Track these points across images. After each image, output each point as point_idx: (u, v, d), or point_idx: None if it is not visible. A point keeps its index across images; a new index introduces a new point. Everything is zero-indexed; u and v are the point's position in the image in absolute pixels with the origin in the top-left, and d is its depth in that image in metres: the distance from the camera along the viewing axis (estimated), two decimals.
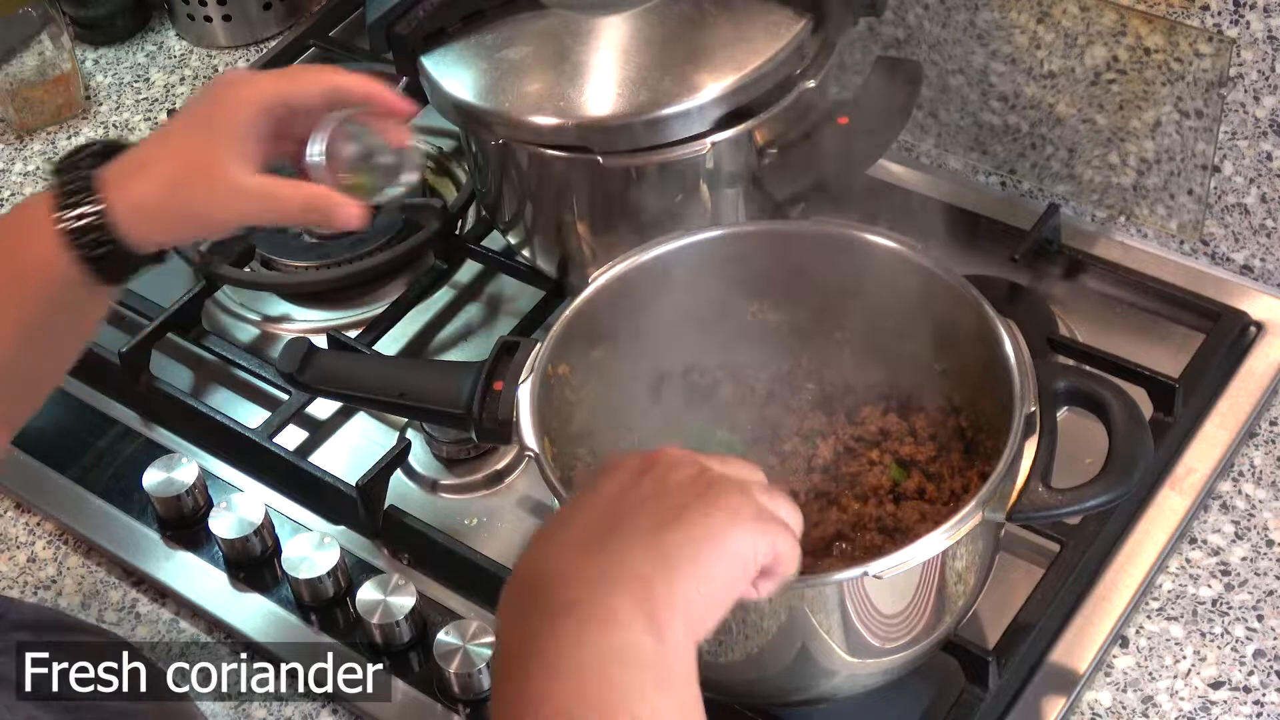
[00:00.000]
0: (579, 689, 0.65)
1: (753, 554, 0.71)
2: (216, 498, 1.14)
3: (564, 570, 0.69)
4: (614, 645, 0.66)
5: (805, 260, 1.02)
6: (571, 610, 0.66)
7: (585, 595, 0.67)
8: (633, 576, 0.67)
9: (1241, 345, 1.16)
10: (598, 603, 0.66)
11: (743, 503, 0.72)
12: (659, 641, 0.66)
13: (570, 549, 0.70)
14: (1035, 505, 0.88)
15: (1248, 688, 0.98)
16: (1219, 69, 1.12)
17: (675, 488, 0.72)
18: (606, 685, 0.65)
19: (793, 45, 1.10)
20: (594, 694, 0.64)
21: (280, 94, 0.87)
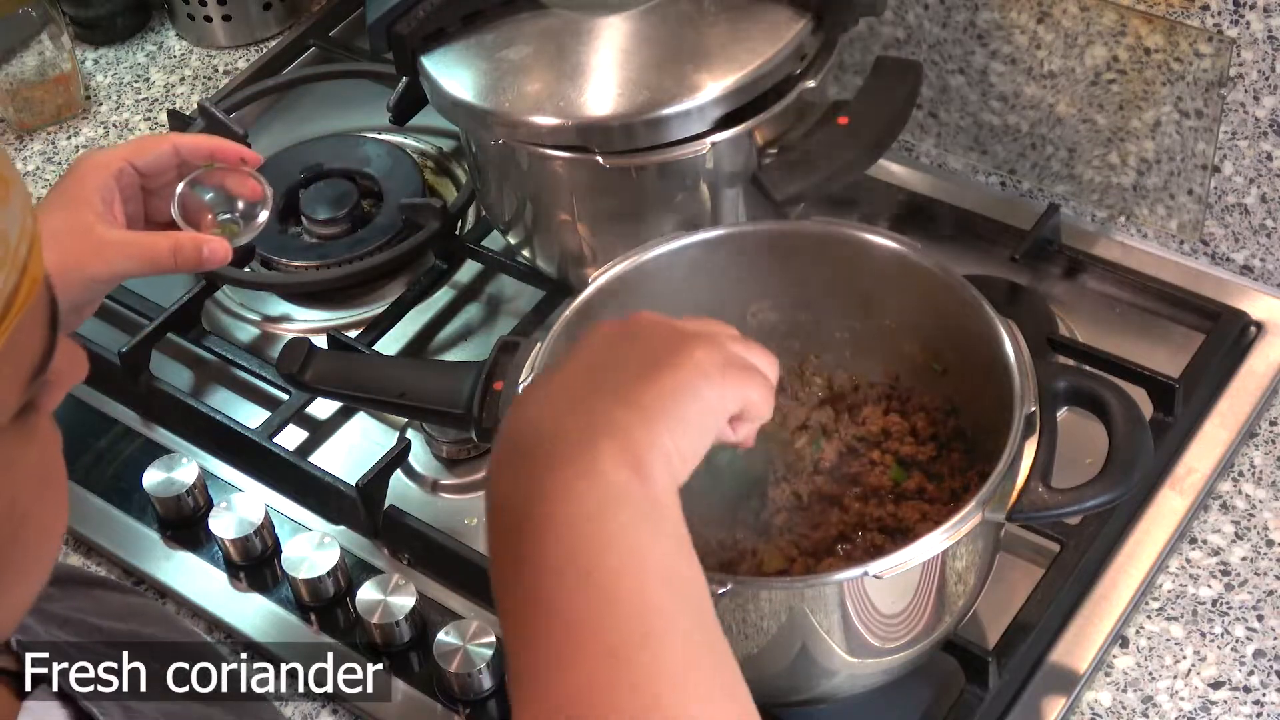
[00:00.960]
0: (572, 539, 0.67)
1: (721, 401, 0.75)
2: (216, 498, 1.14)
3: (547, 429, 0.71)
4: (602, 492, 0.68)
5: (805, 260, 1.02)
6: (558, 466, 0.69)
7: (569, 450, 0.69)
8: (613, 428, 0.70)
9: (1241, 345, 1.16)
10: (582, 455, 0.69)
11: (710, 354, 0.75)
12: (644, 484, 0.69)
13: (552, 408, 0.73)
14: (1035, 505, 0.88)
15: (1248, 688, 0.98)
16: (1219, 69, 1.12)
17: (647, 347, 0.76)
18: (599, 530, 0.67)
19: (793, 45, 1.10)
20: (588, 541, 0.67)
21: (126, 157, 0.98)
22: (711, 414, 0.75)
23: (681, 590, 0.68)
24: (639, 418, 0.71)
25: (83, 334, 1.27)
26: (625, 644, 0.64)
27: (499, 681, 1.02)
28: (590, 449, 0.69)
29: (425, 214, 1.29)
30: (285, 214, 1.35)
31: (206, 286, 1.28)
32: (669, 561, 0.68)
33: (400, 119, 1.25)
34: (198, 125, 1.40)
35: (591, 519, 0.67)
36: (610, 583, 0.66)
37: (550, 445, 0.70)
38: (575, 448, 0.69)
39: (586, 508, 0.67)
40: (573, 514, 0.67)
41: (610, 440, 0.69)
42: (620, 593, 0.65)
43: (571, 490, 0.68)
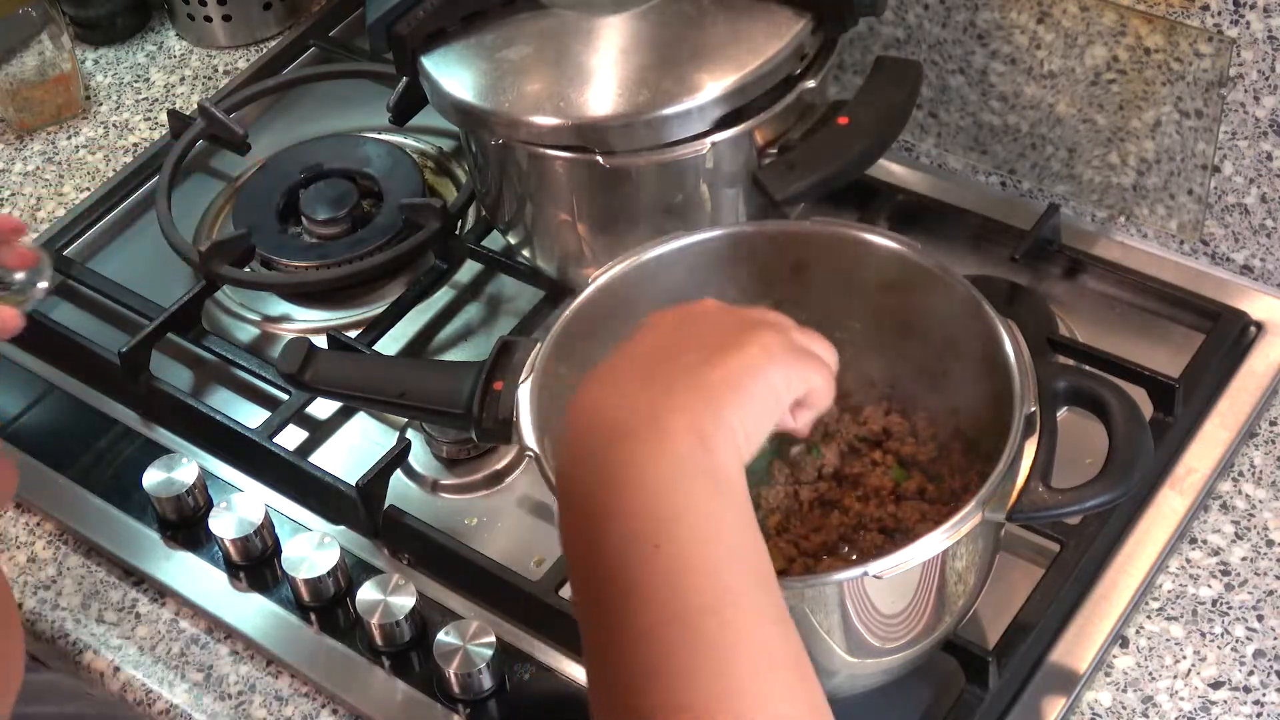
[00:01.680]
0: (642, 502, 0.68)
1: (786, 385, 0.77)
2: (216, 498, 1.14)
3: (612, 407, 0.73)
4: (671, 460, 0.70)
5: (805, 260, 1.02)
6: (627, 436, 0.71)
7: (638, 422, 0.71)
8: (680, 407, 0.72)
9: (1241, 345, 1.16)
10: (652, 426, 0.71)
11: (775, 340, 0.78)
12: (710, 458, 0.71)
13: (616, 389, 0.75)
14: (1035, 505, 0.88)
15: (1248, 688, 0.98)
16: (1219, 69, 1.12)
17: (712, 330, 0.78)
18: (668, 495, 0.69)
19: (793, 45, 1.10)
20: (657, 504, 0.68)
21: None
22: (776, 396, 0.76)
23: (750, 562, 0.69)
24: (705, 396, 0.73)
25: (83, 334, 1.27)
26: (695, 611, 0.65)
27: (499, 681, 1.02)
28: (656, 425, 0.71)
29: (425, 214, 1.29)
30: (285, 214, 1.35)
31: (206, 286, 1.28)
32: (737, 534, 0.70)
33: (400, 119, 1.25)
34: (198, 125, 1.41)
35: (661, 493, 0.69)
36: (680, 553, 0.67)
37: (616, 424, 0.72)
38: (642, 425, 0.71)
39: (656, 482, 0.69)
40: (641, 488, 0.69)
41: (677, 416, 0.71)
42: (691, 562, 0.67)
43: (639, 465, 0.70)
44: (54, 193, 1.44)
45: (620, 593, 0.67)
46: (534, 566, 1.08)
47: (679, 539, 0.67)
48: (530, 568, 1.08)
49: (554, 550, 1.07)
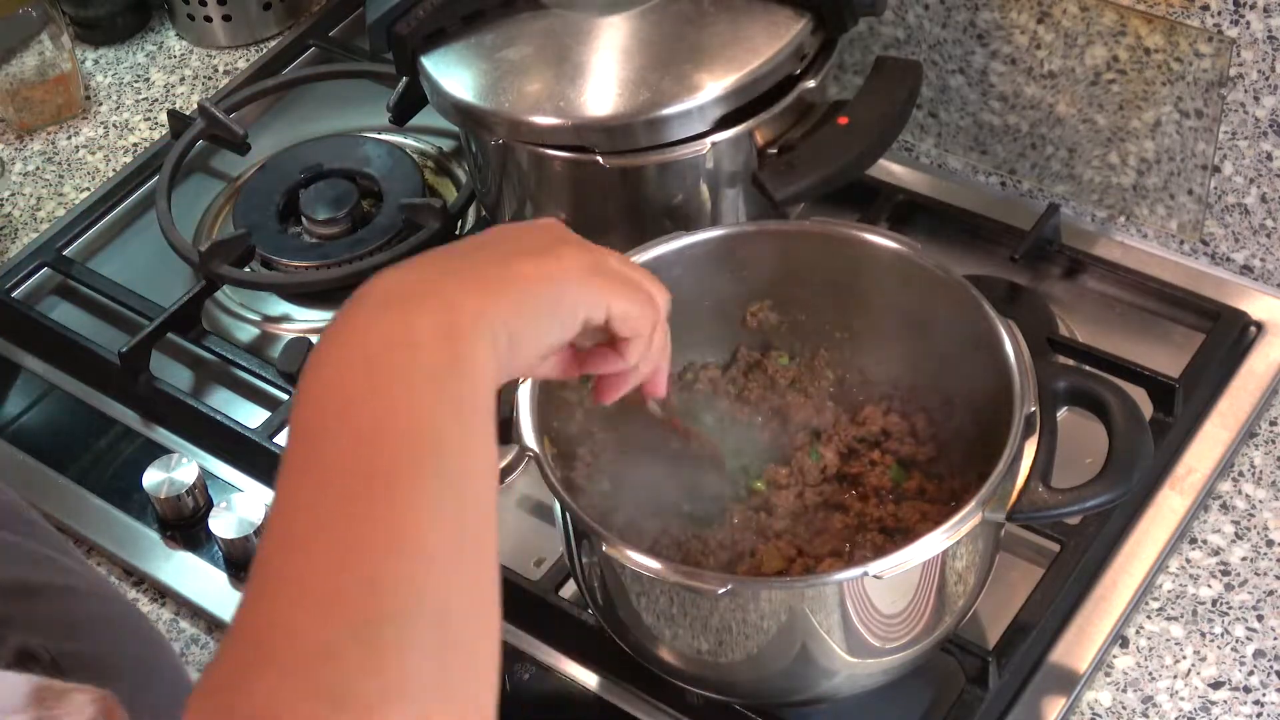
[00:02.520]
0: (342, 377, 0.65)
1: (576, 301, 0.74)
2: (216, 498, 1.14)
3: (397, 277, 0.70)
4: (391, 338, 0.65)
5: (806, 261, 1.02)
6: (366, 312, 0.67)
7: (389, 302, 0.67)
8: (442, 291, 0.68)
9: (1241, 345, 1.16)
10: (395, 307, 0.67)
11: (582, 257, 0.75)
12: (452, 346, 0.66)
13: (399, 273, 0.70)
14: (1035, 505, 0.88)
15: (1248, 688, 0.98)
16: (1219, 69, 1.12)
17: (527, 240, 0.75)
18: (371, 374, 0.64)
19: (793, 45, 1.10)
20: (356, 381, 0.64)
21: None
22: (560, 308, 0.73)
23: (442, 455, 0.63)
24: (479, 289, 0.69)
25: (83, 334, 1.27)
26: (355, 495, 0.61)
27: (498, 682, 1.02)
28: (405, 302, 0.67)
29: (425, 214, 1.29)
30: (285, 214, 1.35)
31: (206, 286, 1.28)
32: (441, 424, 0.64)
33: (400, 119, 1.25)
34: (198, 125, 1.40)
35: (370, 361, 0.65)
36: (365, 427, 0.63)
37: (382, 292, 0.68)
38: (395, 301, 0.67)
39: (369, 350, 0.65)
40: (353, 354, 0.65)
41: (432, 299, 0.67)
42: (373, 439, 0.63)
43: (362, 332, 0.66)
44: (54, 193, 1.44)
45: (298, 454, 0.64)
46: (534, 566, 1.08)
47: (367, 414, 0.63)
48: (530, 568, 1.08)
49: (554, 550, 1.07)
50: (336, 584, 0.59)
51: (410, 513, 0.61)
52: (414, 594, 0.59)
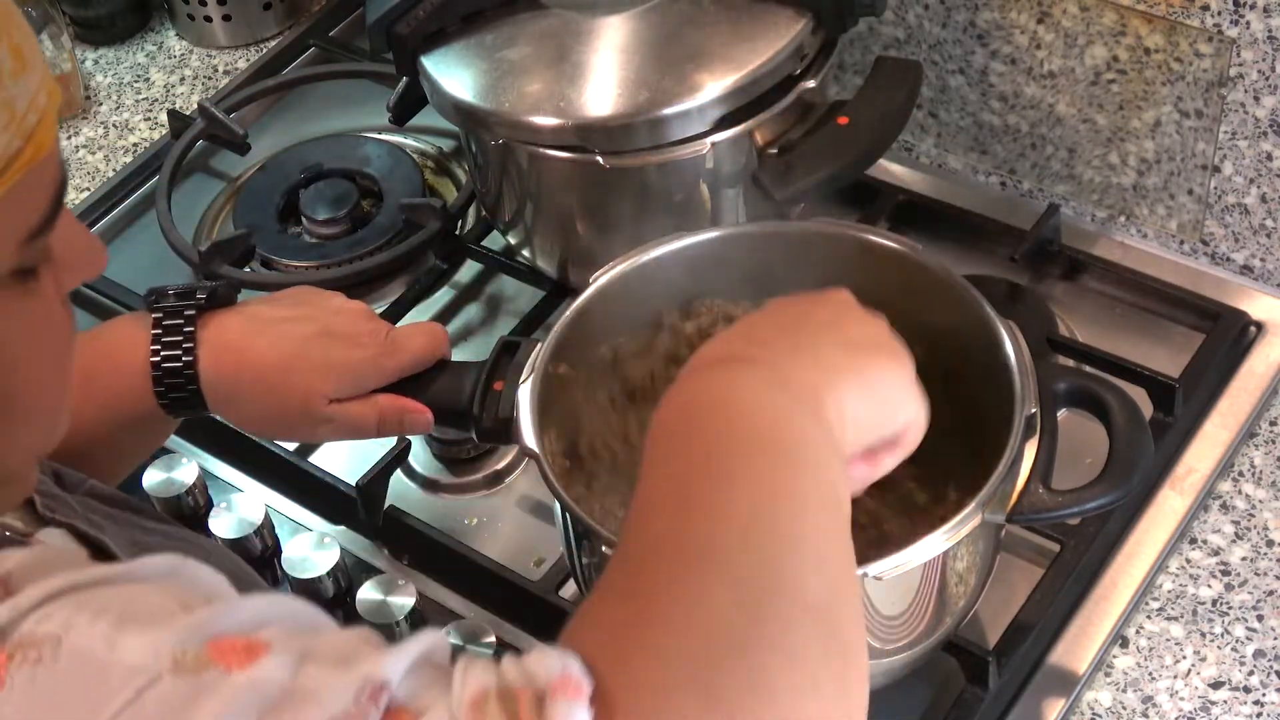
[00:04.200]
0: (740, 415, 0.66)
1: (904, 405, 0.75)
2: (216, 498, 1.14)
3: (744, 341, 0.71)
4: (785, 393, 0.67)
5: (806, 261, 1.01)
6: (745, 363, 0.69)
7: (768, 359, 0.69)
8: (805, 366, 0.70)
9: (1241, 345, 1.16)
10: (773, 366, 0.69)
11: (904, 355, 0.76)
12: (819, 415, 0.68)
13: (753, 332, 0.73)
14: (1035, 507, 0.88)
15: (1248, 688, 0.98)
16: (1219, 69, 1.12)
17: (852, 325, 0.76)
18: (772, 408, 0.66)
19: (793, 45, 1.10)
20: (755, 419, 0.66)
21: None
22: (894, 410, 0.75)
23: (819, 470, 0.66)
24: (831, 374, 0.70)
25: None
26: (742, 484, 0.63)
27: None
28: (778, 366, 0.69)
29: (425, 214, 1.29)
30: (285, 214, 1.35)
31: None
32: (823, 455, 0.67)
33: (400, 119, 1.25)
34: (198, 125, 1.41)
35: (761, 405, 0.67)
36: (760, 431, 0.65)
37: (736, 354, 0.70)
38: (763, 362, 0.69)
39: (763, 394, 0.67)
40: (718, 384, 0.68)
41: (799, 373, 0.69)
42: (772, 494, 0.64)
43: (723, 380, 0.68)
44: None
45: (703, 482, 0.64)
46: (534, 566, 1.08)
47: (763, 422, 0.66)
48: (530, 568, 1.08)
49: (554, 550, 1.07)
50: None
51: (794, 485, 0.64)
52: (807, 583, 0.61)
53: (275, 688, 0.54)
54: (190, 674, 0.54)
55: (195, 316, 0.93)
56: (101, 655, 0.54)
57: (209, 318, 0.94)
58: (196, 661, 0.54)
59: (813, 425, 0.67)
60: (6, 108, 0.58)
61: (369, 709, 0.54)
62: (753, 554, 0.60)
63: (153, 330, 0.93)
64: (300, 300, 0.98)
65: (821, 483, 0.65)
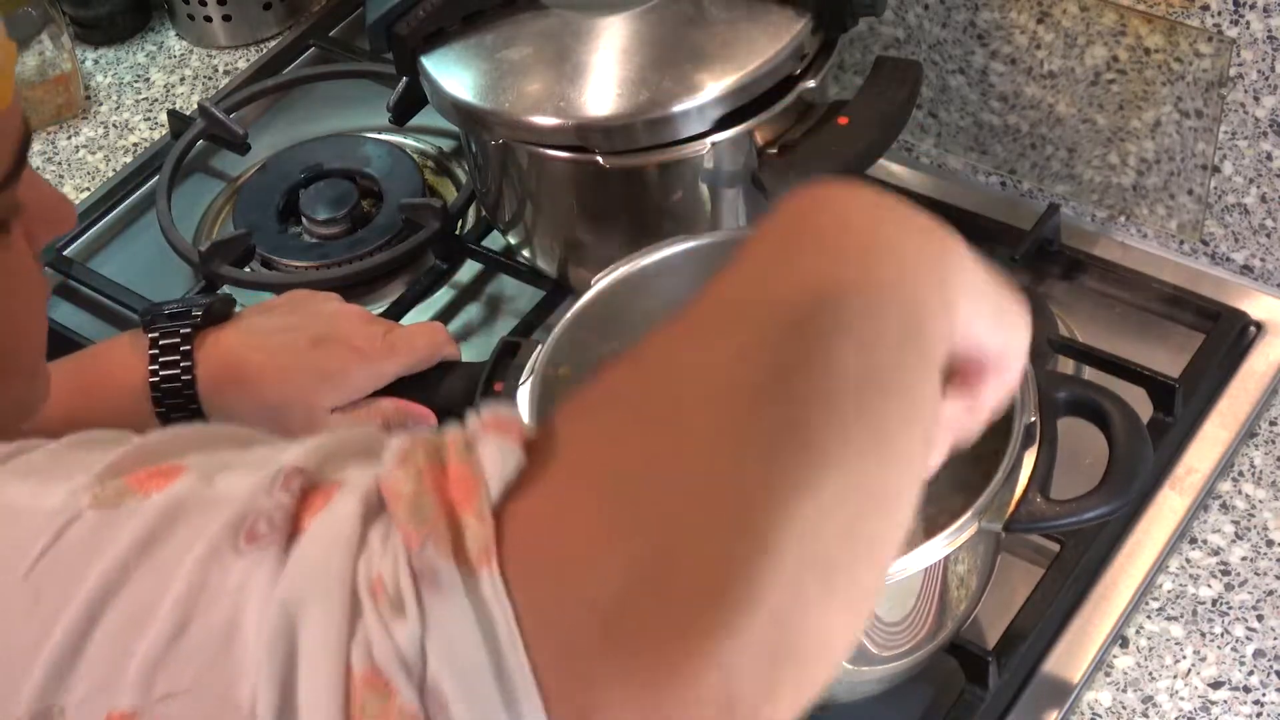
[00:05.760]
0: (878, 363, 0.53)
1: (1015, 320, 0.66)
2: None
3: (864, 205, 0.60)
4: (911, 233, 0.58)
5: None
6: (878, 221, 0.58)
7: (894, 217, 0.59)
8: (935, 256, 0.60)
9: (1241, 345, 1.16)
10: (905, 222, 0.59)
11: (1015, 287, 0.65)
12: (946, 302, 0.58)
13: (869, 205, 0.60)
14: (1033, 516, 0.87)
15: (1248, 688, 0.98)
16: (1219, 69, 1.12)
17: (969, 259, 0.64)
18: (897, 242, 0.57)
19: (793, 45, 1.10)
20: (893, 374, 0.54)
21: None
22: (1010, 319, 0.65)
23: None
24: (961, 272, 0.60)
25: (83, 334, 1.27)
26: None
27: None
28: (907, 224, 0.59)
29: (425, 214, 1.29)
30: (285, 214, 1.35)
31: (206, 286, 1.28)
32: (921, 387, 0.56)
33: (400, 119, 1.25)
34: (198, 125, 1.41)
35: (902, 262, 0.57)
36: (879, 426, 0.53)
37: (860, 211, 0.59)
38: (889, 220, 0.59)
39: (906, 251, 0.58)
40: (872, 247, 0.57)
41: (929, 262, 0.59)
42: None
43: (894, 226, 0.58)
44: None
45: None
46: None
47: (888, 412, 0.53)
48: None
49: None
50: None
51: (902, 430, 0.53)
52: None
53: (191, 498, 0.52)
54: (109, 507, 0.52)
55: (192, 335, 0.93)
56: (25, 505, 0.53)
57: (205, 334, 0.94)
58: (116, 493, 0.53)
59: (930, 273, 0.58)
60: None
61: (280, 496, 0.51)
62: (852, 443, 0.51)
63: (150, 350, 0.93)
64: (296, 306, 0.98)
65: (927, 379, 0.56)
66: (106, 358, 0.95)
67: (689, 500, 0.49)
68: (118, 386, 0.93)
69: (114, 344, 0.97)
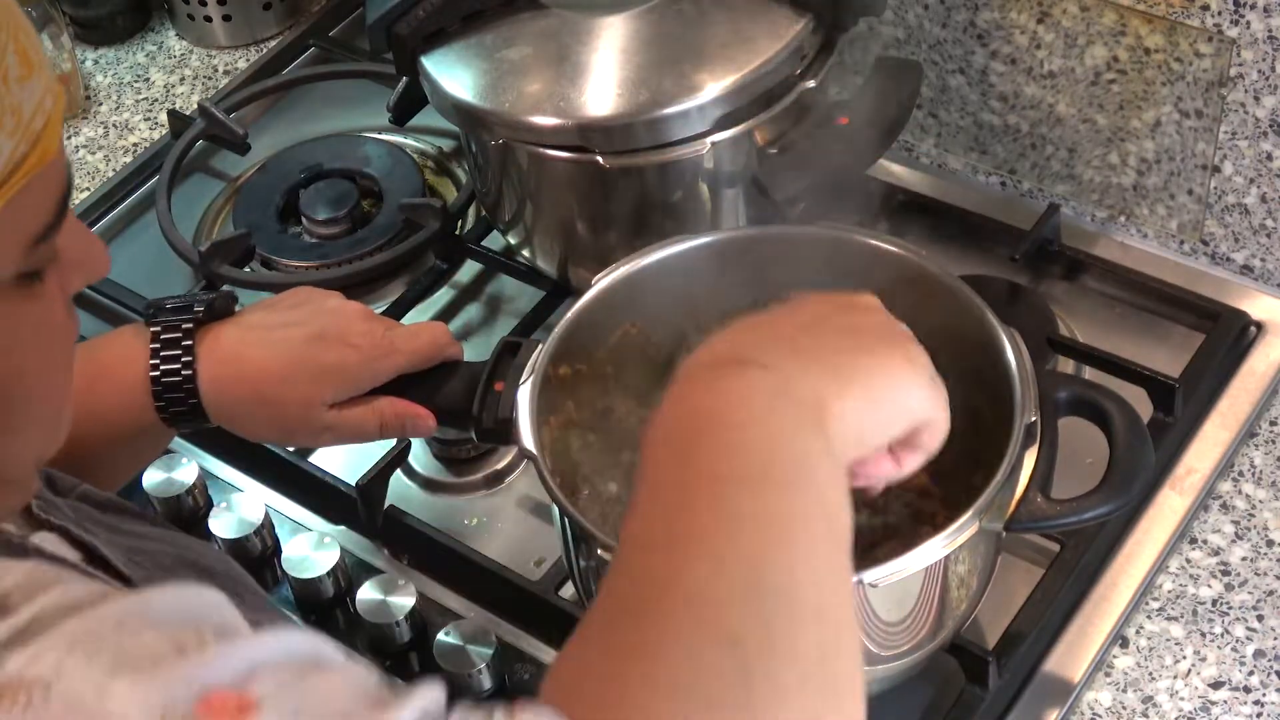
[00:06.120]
0: (742, 427, 0.65)
1: (914, 407, 0.74)
2: (216, 498, 1.14)
3: (748, 343, 0.70)
4: (787, 401, 0.66)
5: (809, 265, 1.01)
6: (748, 365, 0.68)
7: (765, 361, 0.68)
8: (809, 370, 0.68)
9: (1241, 345, 1.16)
10: (777, 369, 0.68)
11: (922, 360, 0.75)
12: (821, 421, 0.67)
13: (757, 334, 0.71)
14: (1034, 515, 0.87)
15: (1248, 688, 0.98)
16: (1219, 69, 1.12)
17: (866, 325, 0.75)
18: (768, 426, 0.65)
19: (793, 45, 1.10)
20: (757, 434, 0.65)
21: None
22: (901, 412, 0.73)
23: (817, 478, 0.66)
24: (837, 376, 0.69)
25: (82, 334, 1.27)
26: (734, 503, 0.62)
27: (499, 681, 1.02)
28: (782, 369, 0.68)
29: (425, 214, 1.29)
30: (285, 214, 1.35)
31: (206, 287, 1.28)
32: (817, 461, 0.66)
33: (400, 119, 1.25)
34: (198, 125, 1.41)
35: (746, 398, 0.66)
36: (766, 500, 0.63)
37: (740, 357, 0.68)
38: (768, 365, 0.68)
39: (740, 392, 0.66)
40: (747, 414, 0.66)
41: (801, 378, 0.68)
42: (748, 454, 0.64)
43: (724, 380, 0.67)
44: None
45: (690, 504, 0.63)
46: (534, 566, 1.08)
47: (770, 478, 0.64)
48: (530, 568, 1.08)
49: (554, 550, 1.07)
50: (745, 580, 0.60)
51: (793, 523, 0.63)
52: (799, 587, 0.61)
53: None
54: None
55: (193, 330, 0.93)
56: (91, 704, 0.54)
57: (206, 330, 0.94)
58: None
59: (814, 438, 0.66)
60: (13, 113, 0.57)
61: None
62: (748, 607, 0.59)
63: (151, 345, 0.93)
64: (298, 302, 0.98)
65: (823, 513, 0.64)
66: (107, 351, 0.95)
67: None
68: (118, 381, 0.93)
69: (114, 337, 0.97)
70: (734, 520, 0.61)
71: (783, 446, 0.65)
